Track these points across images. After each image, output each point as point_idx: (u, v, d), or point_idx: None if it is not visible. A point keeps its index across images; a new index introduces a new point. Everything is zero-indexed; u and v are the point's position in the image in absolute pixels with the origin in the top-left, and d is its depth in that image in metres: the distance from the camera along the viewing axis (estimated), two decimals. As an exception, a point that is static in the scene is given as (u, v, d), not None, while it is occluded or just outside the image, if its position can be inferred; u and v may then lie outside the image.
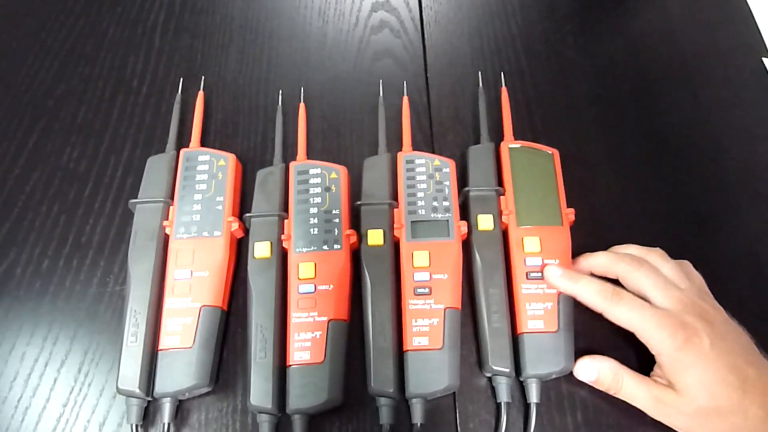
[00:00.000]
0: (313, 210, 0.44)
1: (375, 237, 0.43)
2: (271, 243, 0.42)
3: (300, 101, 0.51)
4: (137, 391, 0.38)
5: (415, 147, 0.50)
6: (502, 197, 0.45)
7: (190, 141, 0.48)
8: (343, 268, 0.42)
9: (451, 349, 0.40)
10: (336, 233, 0.43)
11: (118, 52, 0.56)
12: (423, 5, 0.59)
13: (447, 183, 0.45)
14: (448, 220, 0.43)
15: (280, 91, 0.52)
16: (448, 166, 0.46)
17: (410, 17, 0.58)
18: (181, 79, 0.52)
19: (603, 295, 0.39)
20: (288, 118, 0.51)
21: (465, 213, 0.45)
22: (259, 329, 0.40)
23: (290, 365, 0.39)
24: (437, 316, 0.40)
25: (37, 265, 0.45)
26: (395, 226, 0.43)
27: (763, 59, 0.57)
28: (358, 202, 0.44)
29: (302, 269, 0.41)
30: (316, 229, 0.43)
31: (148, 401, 0.40)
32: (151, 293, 0.40)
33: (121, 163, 0.49)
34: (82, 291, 0.44)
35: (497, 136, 0.49)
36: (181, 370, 0.39)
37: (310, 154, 0.48)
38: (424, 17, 0.58)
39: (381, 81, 0.53)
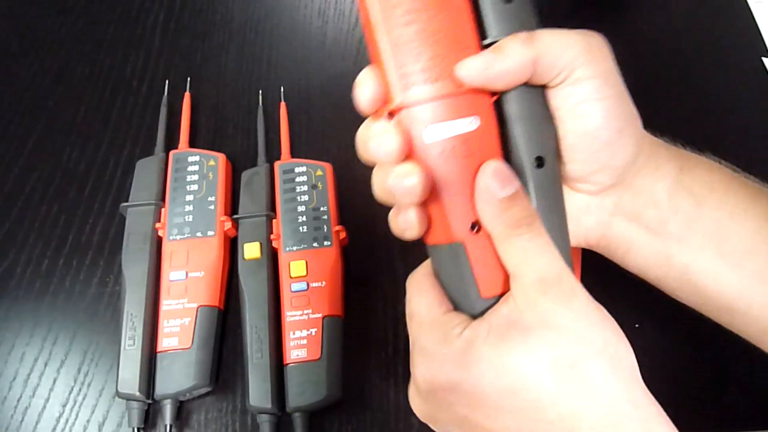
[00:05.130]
0: (301, 208, 0.44)
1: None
2: (261, 243, 0.43)
3: (281, 100, 0.52)
4: (137, 394, 0.38)
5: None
6: None
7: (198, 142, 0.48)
8: (335, 264, 0.42)
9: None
10: (325, 230, 0.43)
11: (118, 52, 0.56)
12: (423, 5, 0.59)
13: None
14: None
15: (260, 92, 0.52)
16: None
17: (410, 17, 0.58)
18: (167, 81, 0.52)
19: None
20: (290, 118, 0.51)
21: None
22: (254, 330, 0.40)
23: (287, 364, 0.39)
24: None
25: (37, 265, 0.45)
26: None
27: (763, 59, 0.57)
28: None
29: (293, 267, 0.42)
30: (305, 227, 0.43)
31: (149, 404, 0.40)
32: (147, 296, 0.40)
33: (121, 163, 0.49)
34: (81, 291, 0.44)
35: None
36: (181, 371, 0.39)
37: (313, 154, 0.48)
38: (424, 17, 0.58)
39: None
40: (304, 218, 0.44)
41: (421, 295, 0.28)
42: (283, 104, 0.51)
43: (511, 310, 0.25)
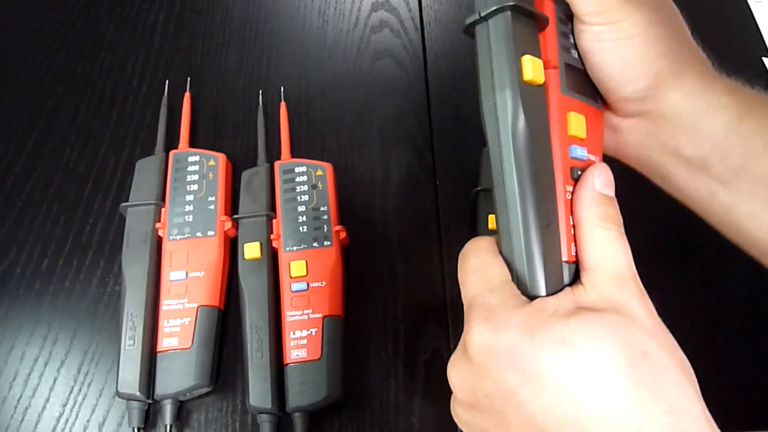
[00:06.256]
0: (301, 208, 0.44)
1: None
2: (261, 243, 0.43)
3: (282, 100, 0.52)
4: (138, 394, 0.38)
5: (414, 147, 0.50)
6: None
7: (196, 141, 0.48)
8: (335, 264, 0.42)
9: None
10: (325, 230, 0.43)
11: (118, 52, 0.56)
12: (423, 5, 0.59)
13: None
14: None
15: (260, 92, 0.52)
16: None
17: (410, 17, 0.58)
18: (167, 81, 0.52)
19: None
20: (290, 118, 0.51)
21: (475, 213, 0.45)
22: (254, 330, 0.40)
23: (287, 364, 0.39)
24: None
25: (37, 265, 0.45)
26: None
27: (763, 59, 0.57)
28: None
29: (294, 267, 0.42)
30: (305, 227, 0.43)
31: (149, 403, 0.40)
32: (147, 296, 0.40)
33: (121, 163, 0.49)
34: (82, 291, 0.44)
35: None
36: (181, 370, 0.39)
37: (313, 154, 0.48)
38: (424, 17, 0.58)
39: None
40: (304, 218, 0.44)
41: (490, 254, 0.27)
42: (283, 104, 0.51)
43: (581, 298, 0.24)
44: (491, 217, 0.43)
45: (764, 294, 0.45)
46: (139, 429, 0.39)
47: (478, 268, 0.27)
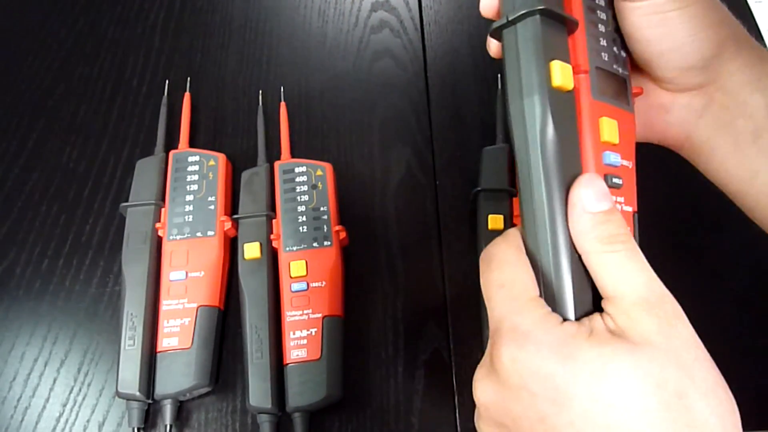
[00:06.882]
0: (301, 208, 0.44)
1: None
2: (261, 243, 0.43)
3: (281, 100, 0.52)
4: (138, 394, 0.38)
5: (415, 147, 0.50)
6: (514, 198, 0.45)
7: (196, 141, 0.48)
8: (335, 264, 0.42)
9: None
10: (325, 230, 0.43)
11: (118, 52, 0.56)
12: (423, 5, 0.59)
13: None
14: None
15: (261, 92, 0.52)
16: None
17: (410, 17, 0.58)
18: (167, 81, 0.52)
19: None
20: (290, 118, 0.51)
21: (475, 213, 0.45)
22: (254, 330, 0.40)
23: (287, 364, 0.39)
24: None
25: (37, 265, 0.45)
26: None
27: (764, 59, 0.57)
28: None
29: (293, 267, 0.42)
30: (305, 227, 0.43)
31: (149, 403, 0.40)
32: (147, 296, 0.40)
33: (121, 163, 0.49)
34: (81, 291, 0.44)
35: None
36: (181, 371, 0.39)
37: (313, 154, 0.48)
38: (424, 17, 0.58)
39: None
40: (304, 218, 0.44)
41: (516, 268, 0.25)
42: (283, 104, 0.51)
43: (611, 327, 0.23)
44: (491, 218, 0.43)
45: (764, 294, 0.45)
46: (139, 429, 0.39)
47: (505, 283, 0.25)
